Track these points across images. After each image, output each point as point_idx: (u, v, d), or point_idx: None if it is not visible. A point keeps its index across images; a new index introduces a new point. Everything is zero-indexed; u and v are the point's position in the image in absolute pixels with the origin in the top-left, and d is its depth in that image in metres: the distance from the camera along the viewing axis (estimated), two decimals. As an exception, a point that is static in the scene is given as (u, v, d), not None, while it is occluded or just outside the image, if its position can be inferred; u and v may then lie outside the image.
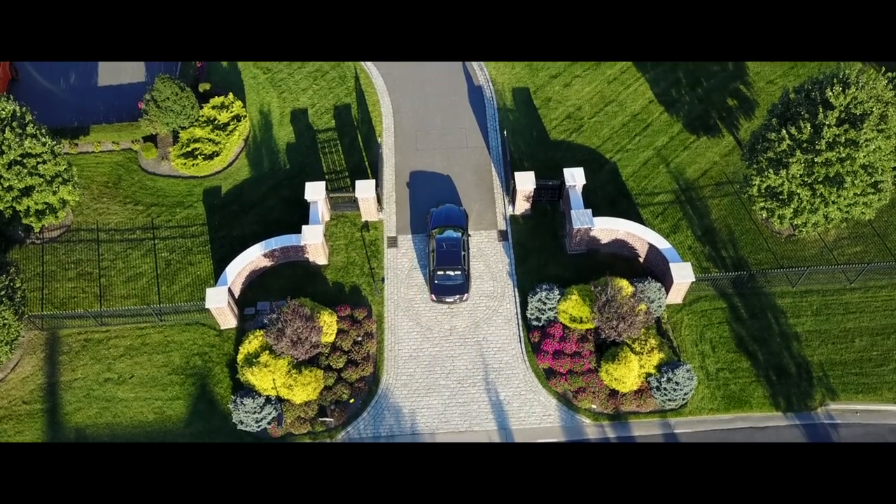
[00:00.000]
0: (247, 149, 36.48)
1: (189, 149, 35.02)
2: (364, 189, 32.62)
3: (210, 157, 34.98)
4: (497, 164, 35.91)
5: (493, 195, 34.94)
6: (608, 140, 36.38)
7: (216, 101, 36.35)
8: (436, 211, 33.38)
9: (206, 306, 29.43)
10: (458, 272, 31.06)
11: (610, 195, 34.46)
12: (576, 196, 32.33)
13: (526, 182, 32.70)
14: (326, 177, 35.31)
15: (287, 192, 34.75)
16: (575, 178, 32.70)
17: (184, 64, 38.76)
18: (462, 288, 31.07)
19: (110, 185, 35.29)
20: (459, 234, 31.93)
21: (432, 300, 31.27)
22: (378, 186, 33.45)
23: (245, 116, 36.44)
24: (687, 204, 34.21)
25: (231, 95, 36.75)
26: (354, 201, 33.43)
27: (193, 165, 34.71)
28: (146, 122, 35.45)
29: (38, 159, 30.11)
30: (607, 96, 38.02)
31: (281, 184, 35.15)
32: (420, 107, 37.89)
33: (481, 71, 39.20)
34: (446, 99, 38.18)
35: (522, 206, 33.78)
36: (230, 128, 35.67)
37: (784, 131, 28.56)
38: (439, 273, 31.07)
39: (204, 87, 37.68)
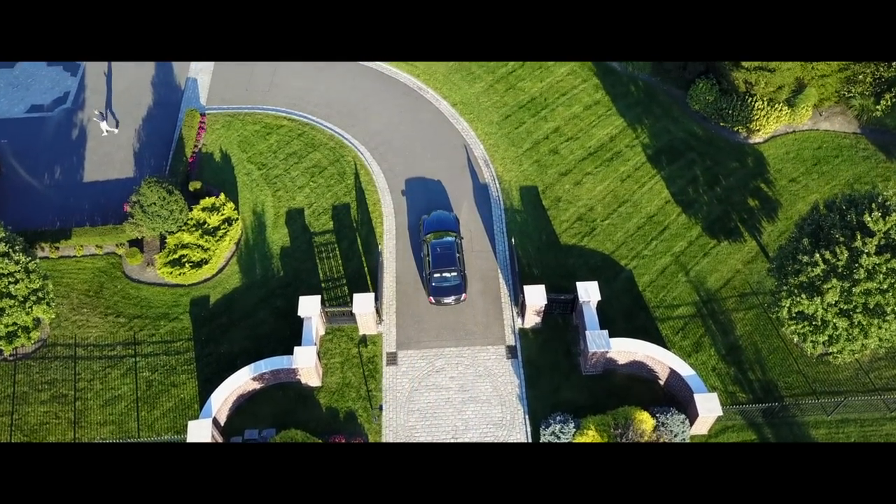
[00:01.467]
0: (238, 253, 34.31)
1: (176, 256, 32.85)
2: (362, 304, 30.31)
3: (198, 264, 32.77)
4: (504, 269, 33.67)
5: (500, 305, 32.60)
6: (623, 245, 34.20)
7: (207, 202, 34.33)
8: (427, 219, 33.93)
9: (189, 441, 26.88)
10: (454, 273, 31.82)
11: (626, 307, 32.12)
12: (590, 313, 29.99)
13: (536, 297, 30.40)
14: (323, 284, 33.05)
15: (280, 302, 32.45)
16: (589, 293, 30.42)
17: (174, 159, 36.85)
18: (459, 288, 31.77)
19: (91, 293, 33.02)
20: (453, 238, 32.63)
21: (431, 302, 31.87)
22: (377, 299, 31.18)
23: (237, 219, 34.35)
24: (709, 318, 31.84)
25: (223, 196, 34.74)
26: (352, 314, 31.13)
27: (180, 274, 32.49)
28: (131, 227, 33.38)
29: (10, 279, 27.93)
30: (621, 196, 35.98)
31: (273, 293, 32.87)
32: (423, 206, 35.79)
33: (487, 168, 37.25)
34: (450, 198, 36.11)
35: (532, 319, 31.42)
36: (221, 232, 33.55)
37: (818, 255, 26.34)
38: (436, 276, 31.72)
39: (195, 185, 35.68)
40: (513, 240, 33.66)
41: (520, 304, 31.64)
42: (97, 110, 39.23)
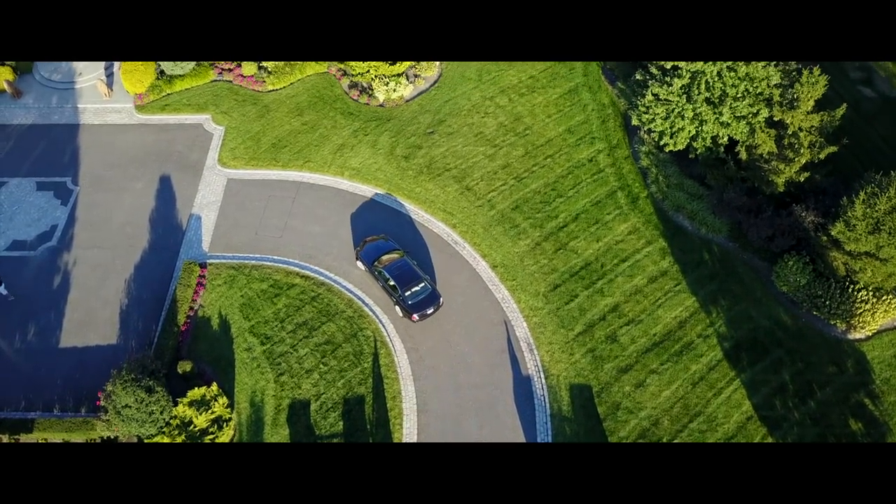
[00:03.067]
0: (228, 459, 28.71)
1: (152, 468, 27.32)
2: (370, 561, 24.48)
3: (178, 480, 27.20)
4: (548, 500, 27.58)
5: (541, 552, 26.50)
6: (695, 478, 27.90)
7: (195, 393, 28.79)
8: (363, 252, 33.70)
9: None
10: (423, 284, 32.08)
11: (699, 572, 25.80)
12: None
13: (588, 566, 24.29)
14: (325, 510, 27.27)
15: (272, 534, 26.72)
16: (655, 565, 24.24)
17: (163, 329, 31.48)
18: (434, 296, 32.07)
19: (49, 506, 27.62)
20: (403, 256, 32.97)
21: (415, 321, 31.74)
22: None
23: (229, 419, 28.76)
24: None
25: (215, 387, 29.16)
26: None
27: (155, 494, 26.92)
28: (102, 425, 27.99)
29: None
30: (692, 405, 29.71)
31: (266, 519, 27.16)
32: (452, 403, 29.92)
33: (531, 355, 31.25)
34: (485, 393, 30.20)
35: (581, 583, 25.30)
36: (209, 438, 27.96)
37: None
38: (407, 293, 31.85)
39: (184, 367, 30.19)
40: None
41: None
42: None
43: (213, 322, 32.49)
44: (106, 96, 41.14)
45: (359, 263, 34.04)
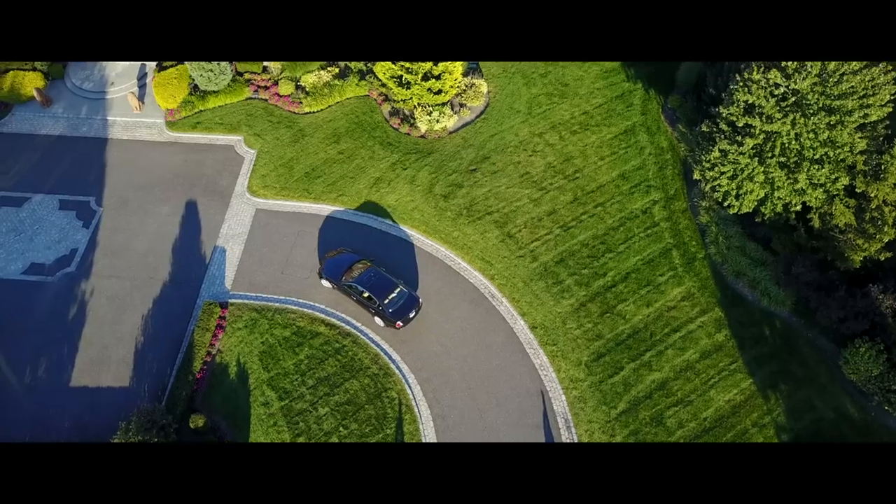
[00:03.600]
0: (236, 528, 26.90)
1: (154, 537, 25.63)
2: None
3: (181, 553, 25.47)
4: None
5: None
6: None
7: (206, 454, 27.05)
8: (325, 269, 32.38)
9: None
10: (399, 290, 31.34)
11: None
12: None
13: None
14: None
15: None
16: None
17: (178, 377, 29.70)
18: (412, 299, 31.41)
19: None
20: (371, 266, 32.11)
21: (398, 328, 31.10)
22: None
23: (239, 486, 26.95)
24: None
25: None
26: None
27: (155, 567, 25.25)
28: (106, 485, 26.35)
29: None
30: None
31: None
32: (479, 481, 27.70)
33: (568, 434, 28.69)
34: (516, 472, 27.91)
35: None
36: None
37: None
38: (386, 302, 31.00)
39: (196, 421, 28.33)
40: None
41: None
42: None
43: (231, 370, 30.58)
44: (136, 110, 39.36)
45: (323, 282, 32.64)
